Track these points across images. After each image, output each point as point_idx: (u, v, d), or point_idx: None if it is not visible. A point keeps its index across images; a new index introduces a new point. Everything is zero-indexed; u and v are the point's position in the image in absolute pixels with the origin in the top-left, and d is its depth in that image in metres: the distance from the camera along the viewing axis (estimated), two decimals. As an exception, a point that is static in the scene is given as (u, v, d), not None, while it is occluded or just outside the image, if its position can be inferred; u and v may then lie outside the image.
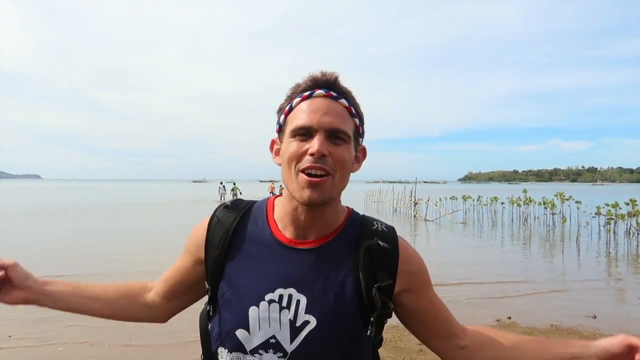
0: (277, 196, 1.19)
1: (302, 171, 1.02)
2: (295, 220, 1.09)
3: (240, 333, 1.03)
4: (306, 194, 1.01)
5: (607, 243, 14.52)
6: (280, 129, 1.11)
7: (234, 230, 1.12)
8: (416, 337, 1.20)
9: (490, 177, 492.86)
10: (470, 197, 29.33)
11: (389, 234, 1.13)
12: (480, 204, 27.63)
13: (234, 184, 39.95)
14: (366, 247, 1.08)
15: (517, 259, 11.96)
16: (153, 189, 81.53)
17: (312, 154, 1.00)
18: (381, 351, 1.22)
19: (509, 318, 6.23)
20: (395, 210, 29.56)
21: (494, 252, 13.05)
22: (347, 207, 1.19)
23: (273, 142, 1.16)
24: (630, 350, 1.05)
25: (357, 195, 39.62)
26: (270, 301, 1.03)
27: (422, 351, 5.00)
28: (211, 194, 48.54)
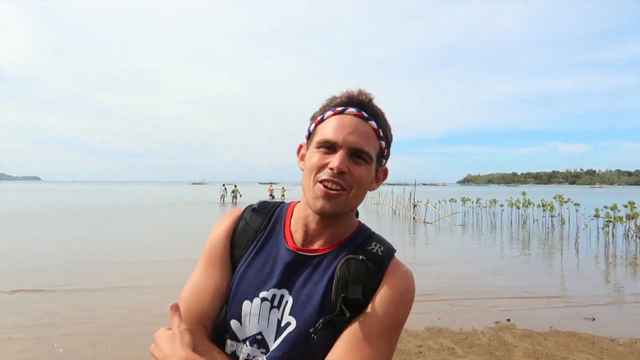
0: (298, 202, 1.23)
1: (321, 182, 1.06)
2: (305, 226, 1.14)
3: (234, 323, 1.10)
4: (320, 203, 1.05)
5: (605, 245, 14.54)
6: (309, 136, 1.15)
7: (262, 233, 1.17)
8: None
9: (489, 180, 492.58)
10: (470, 200, 29.33)
11: (381, 257, 1.09)
12: (479, 207, 27.63)
13: (235, 186, 39.97)
14: (346, 259, 1.07)
15: (516, 261, 11.97)
16: (153, 190, 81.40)
17: (331, 169, 1.04)
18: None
19: (508, 320, 6.24)
20: (394, 213, 29.55)
21: (493, 255, 13.05)
22: (359, 222, 1.21)
23: (300, 147, 1.21)
24: None
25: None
26: (263, 299, 1.09)
27: (421, 353, 5.01)
28: (211, 196, 48.54)
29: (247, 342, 1.08)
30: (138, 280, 8.52)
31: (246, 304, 1.09)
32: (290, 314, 1.06)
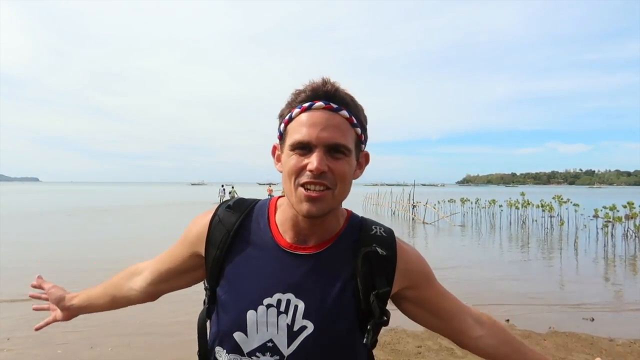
0: (280, 197, 1.19)
1: (302, 185, 1.01)
2: (295, 225, 1.09)
3: (238, 336, 1.05)
4: (305, 207, 1.01)
5: (604, 245, 14.56)
6: (281, 137, 1.10)
7: (236, 231, 1.12)
8: (434, 331, 1.24)
9: (489, 180, 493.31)
10: (469, 200, 29.36)
11: (388, 239, 1.13)
12: (478, 207, 27.65)
13: (232, 187, 40.07)
14: (364, 255, 1.08)
15: (516, 261, 11.97)
16: (152, 191, 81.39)
17: (311, 171, 0.99)
18: (379, 354, 1.25)
19: (507, 321, 6.24)
20: (393, 213, 29.56)
21: (492, 255, 13.06)
22: (346, 210, 1.19)
23: (275, 148, 1.15)
24: None
25: (356, 198, 39.59)
26: (269, 306, 1.04)
27: (420, 354, 5.01)
28: (210, 196, 48.54)
29: (258, 352, 1.04)
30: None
31: (251, 314, 1.04)
32: (304, 317, 1.04)
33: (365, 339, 1.07)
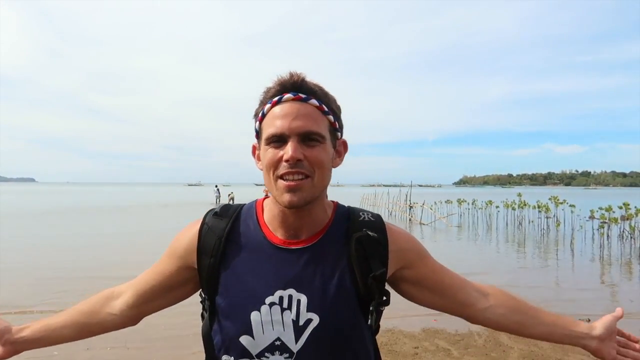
0: (266, 197, 1.20)
1: (281, 177, 1.03)
2: (284, 221, 1.10)
3: (244, 339, 1.05)
4: (286, 197, 1.03)
5: (600, 246, 14.60)
6: (258, 135, 1.13)
7: (227, 237, 1.12)
8: (440, 310, 1.24)
9: (485, 181, 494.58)
10: (465, 201, 29.42)
11: (377, 222, 1.16)
12: (475, 208, 27.71)
13: (232, 192, 39.64)
14: (357, 239, 1.11)
15: (512, 262, 12.01)
16: (148, 192, 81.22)
17: (287, 161, 1.01)
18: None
19: (504, 321, 6.25)
20: (390, 214, 29.59)
21: (489, 256, 13.10)
22: (333, 202, 1.21)
23: (254, 148, 1.18)
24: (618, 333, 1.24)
25: (353, 198, 39.61)
26: (271, 304, 1.05)
27: (417, 355, 5.01)
28: (206, 197, 48.48)
29: (267, 353, 1.04)
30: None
31: (255, 315, 1.04)
32: (309, 310, 1.05)
33: (369, 321, 1.10)
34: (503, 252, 13.92)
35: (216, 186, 41.63)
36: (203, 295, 1.15)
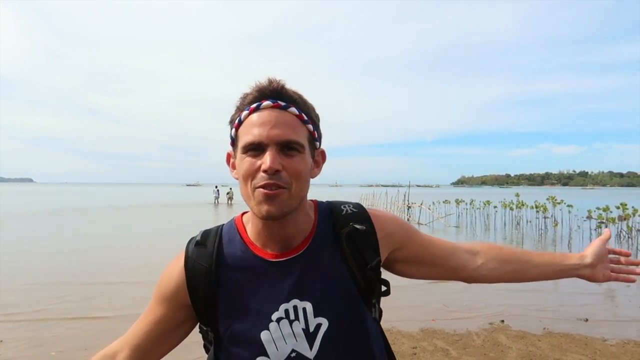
0: (244, 213, 1.17)
1: (257, 188, 1.00)
2: (271, 234, 1.08)
3: None
4: (264, 208, 0.99)
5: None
6: (233, 142, 1.09)
7: (216, 263, 1.08)
8: (437, 279, 1.29)
9: (483, 181, 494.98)
10: (463, 201, 29.44)
11: (360, 213, 1.17)
12: (473, 208, 27.72)
13: (230, 188, 39.90)
14: (346, 235, 1.10)
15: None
16: (146, 192, 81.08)
17: (264, 171, 0.98)
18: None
19: (502, 321, 6.26)
20: (388, 214, 29.54)
21: (487, 256, 13.09)
22: (312, 201, 1.19)
23: (229, 156, 1.14)
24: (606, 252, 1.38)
25: (351, 198, 39.27)
26: (279, 319, 1.04)
27: (416, 355, 5.02)
28: (205, 197, 48.45)
29: None
30: (131, 280, 8.50)
31: (264, 334, 1.03)
32: (316, 316, 1.04)
33: (373, 313, 1.11)
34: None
35: (216, 186, 41.65)
36: (204, 328, 1.12)
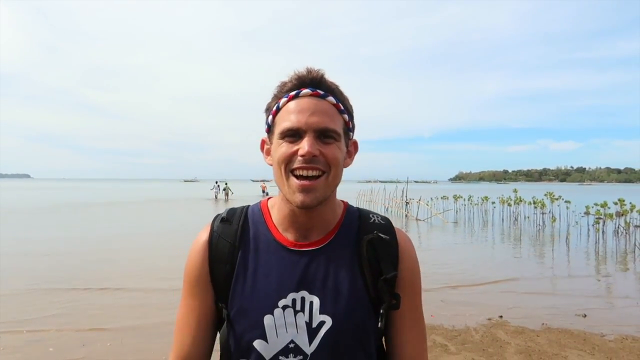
0: (269, 198, 1.18)
1: (293, 171, 1.01)
2: (295, 222, 1.09)
3: (258, 344, 1.03)
4: (299, 198, 1.01)
5: (596, 242, 14.66)
6: (269, 129, 1.10)
7: (239, 241, 1.09)
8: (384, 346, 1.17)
9: (481, 177, 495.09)
10: (461, 197, 29.48)
11: (387, 226, 1.15)
12: (471, 204, 27.77)
13: (226, 184, 40.07)
14: (368, 241, 1.09)
15: (508, 258, 12.03)
16: (144, 188, 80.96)
17: (302, 155, 0.99)
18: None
19: (501, 317, 6.27)
20: (386, 210, 29.58)
21: (485, 252, 13.12)
22: (342, 202, 1.20)
23: (263, 142, 1.15)
24: None
25: (349, 194, 39.63)
26: (285, 307, 1.03)
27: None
28: (202, 193, 48.43)
29: (280, 356, 1.02)
30: (128, 279, 8.49)
31: (268, 318, 1.03)
32: (321, 313, 1.04)
33: (380, 324, 1.08)
34: (499, 248, 13.95)
35: (216, 182, 41.77)
36: (220, 304, 1.10)
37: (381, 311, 1.07)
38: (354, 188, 51.22)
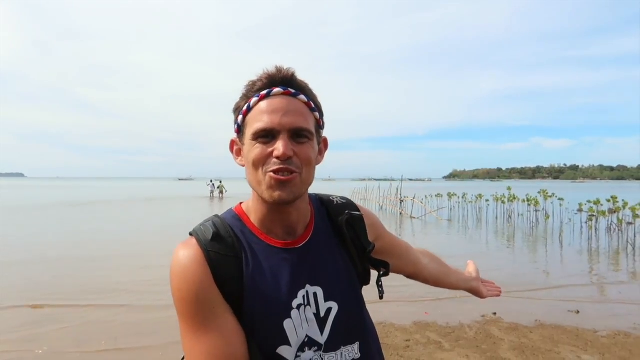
0: (241, 203, 1.15)
1: (268, 172, 1.01)
2: (277, 219, 1.08)
3: (282, 350, 1.00)
4: (276, 193, 1.00)
5: (589, 239, 14.75)
6: (239, 130, 1.08)
7: (240, 253, 1.03)
8: (400, 273, 1.40)
9: (475, 175, 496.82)
10: (456, 195, 29.60)
11: (350, 203, 1.25)
12: (465, 202, 27.89)
13: (220, 182, 40.10)
14: (346, 222, 1.17)
15: (502, 255, 12.09)
16: (139, 187, 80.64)
17: (278, 157, 0.98)
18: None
19: (494, 314, 6.30)
20: (381, 208, 29.66)
21: (479, 249, 13.18)
22: None
23: (233, 143, 1.14)
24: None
25: (344, 193, 39.36)
26: (299, 306, 1.04)
27: (409, 347, 5.04)
28: (198, 191, 48.34)
29: (299, 353, 1.01)
30: (124, 280, 8.46)
31: (287, 323, 1.01)
32: (327, 300, 1.07)
33: (380, 294, 1.20)
34: (493, 245, 14.01)
35: (211, 181, 41.84)
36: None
37: (380, 282, 1.20)
38: (348, 186, 51.30)
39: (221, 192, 39.32)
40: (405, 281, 1.56)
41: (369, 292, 1.23)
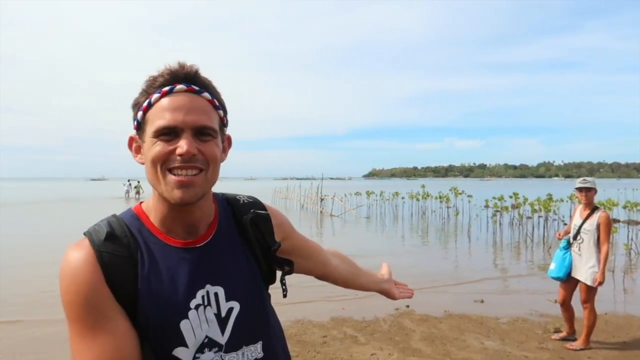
0: (141, 202, 1.12)
1: (170, 170, 0.98)
2: (177, 220, 1.04)
3: (178, 352, 0.97)
4: (177, 194, 0.97)
5: (494, 233, 15.84)
6: (139, 126, 1.04)
7: (135, 254, 0.99)
8: (309, 274, 1.41)
9: (393, 174, 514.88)
10: (374, 193, 30.56)
11: (257, 202, 1.24)
12: (382, 199, 28.86)
13: (138, 182, 38.41)
14: (250, 220, 1.16)
15: (416, 250, 12.67)
16: (49, 188, 75.02)
17: (181, 155, 0.96)
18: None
19: (407, 307, 6.57)
20: (302, 207, 29.89)
21: (395, 245, 13.70)
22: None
23: (132, 140, 1.08)
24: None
25: (265, 192, 39.51)
26: (197, 306, 1.01)
27: (326, 343, 5.13)
28: (113, 191, 45.94)
29: (197, 354, 0.99)
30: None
31: (184, 323, 0.98)
32: (228, 300, 1.05)
33: (284, 292, 1.20)
34: (407, 241, 14.63)
35: (128, 180, 39.89)
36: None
37: (284, 281, 1.22)
38: (270, 185, 51.16)
39: (137, 192, 37.69)
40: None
41: (290, 292, 1.26)
